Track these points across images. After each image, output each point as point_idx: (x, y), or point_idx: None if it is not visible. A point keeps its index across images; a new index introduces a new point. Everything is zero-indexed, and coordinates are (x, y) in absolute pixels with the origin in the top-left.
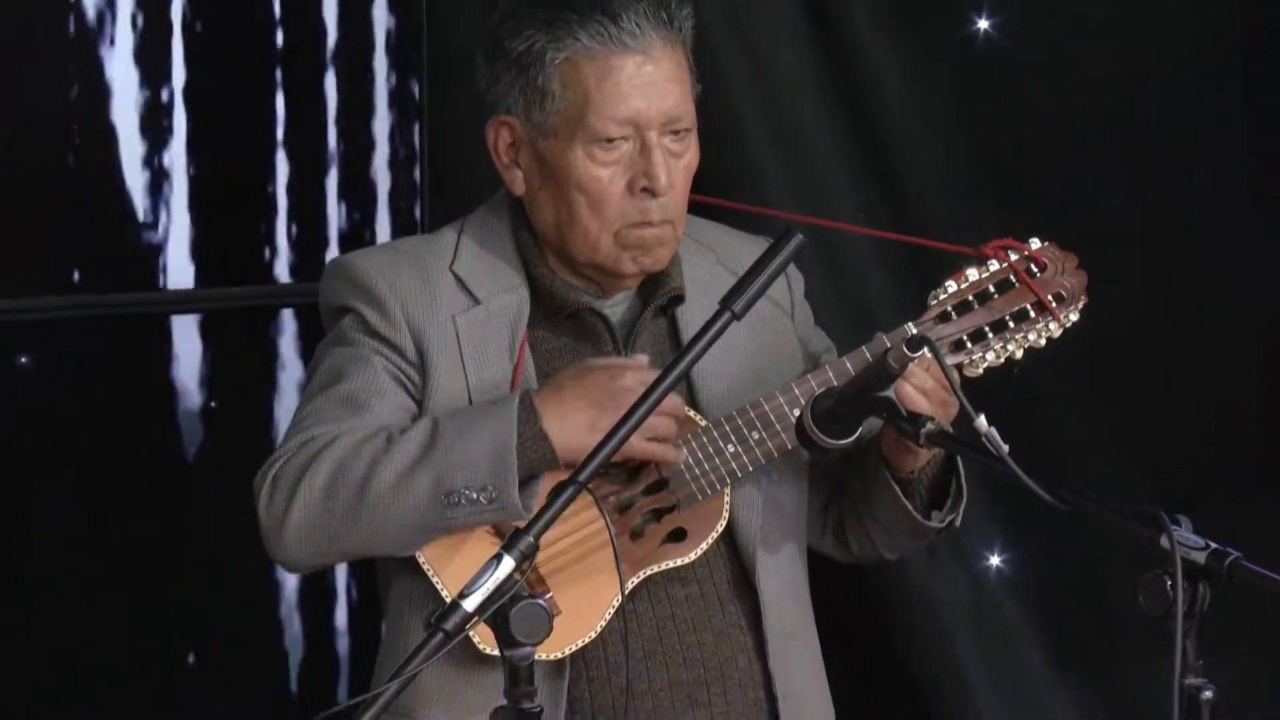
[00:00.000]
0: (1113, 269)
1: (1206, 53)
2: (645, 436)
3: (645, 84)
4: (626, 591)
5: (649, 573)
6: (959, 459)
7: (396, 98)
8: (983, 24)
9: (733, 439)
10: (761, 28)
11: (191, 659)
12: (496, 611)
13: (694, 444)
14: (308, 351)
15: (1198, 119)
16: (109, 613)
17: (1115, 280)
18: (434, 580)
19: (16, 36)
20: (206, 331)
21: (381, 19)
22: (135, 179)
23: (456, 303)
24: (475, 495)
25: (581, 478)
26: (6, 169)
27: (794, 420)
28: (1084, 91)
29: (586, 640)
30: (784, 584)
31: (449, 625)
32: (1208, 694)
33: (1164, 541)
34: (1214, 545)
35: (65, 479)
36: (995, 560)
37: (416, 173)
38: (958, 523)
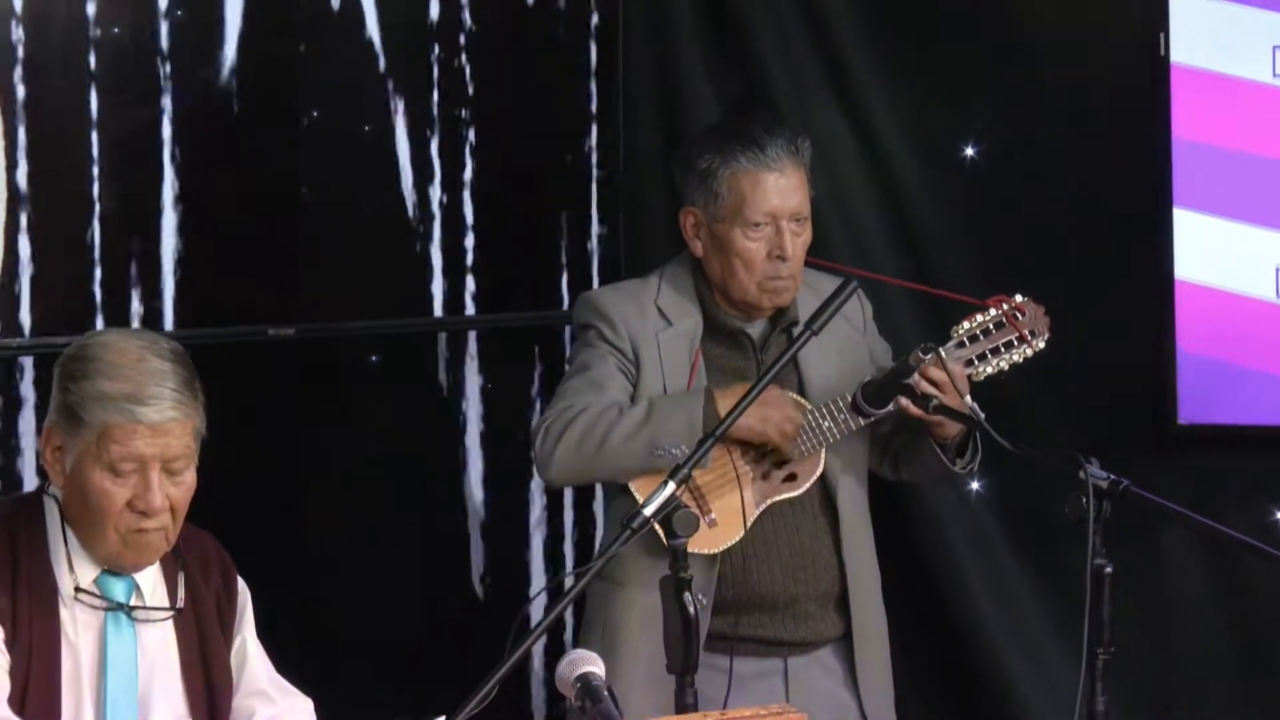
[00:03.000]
0: (1052, 300)
1: (1108, 171)
2: (779, 431)
3: (781, 190)
4: (757, 512)
5: (772, 501)
6: (978, 433)
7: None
8: (969, 151)
9: (828, 418)
10: (835, 160)
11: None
12: (665, 516)
13: (806, 421)
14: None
15: (1097, 215)
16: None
17: (1053, 306)
18: (639, 499)
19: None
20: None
21: (592, 142)
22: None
23: (659, 325)
24: (674, 451)
25: (718, 432)
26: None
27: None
28: (1035, 196)
29: (733, 542)
30: (853, 504)
31: (635, 523)
32: (1108, 569)
33: (1081, 474)
34: (1113, 476)
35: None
36: (976, 486)
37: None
38: (974, 469)
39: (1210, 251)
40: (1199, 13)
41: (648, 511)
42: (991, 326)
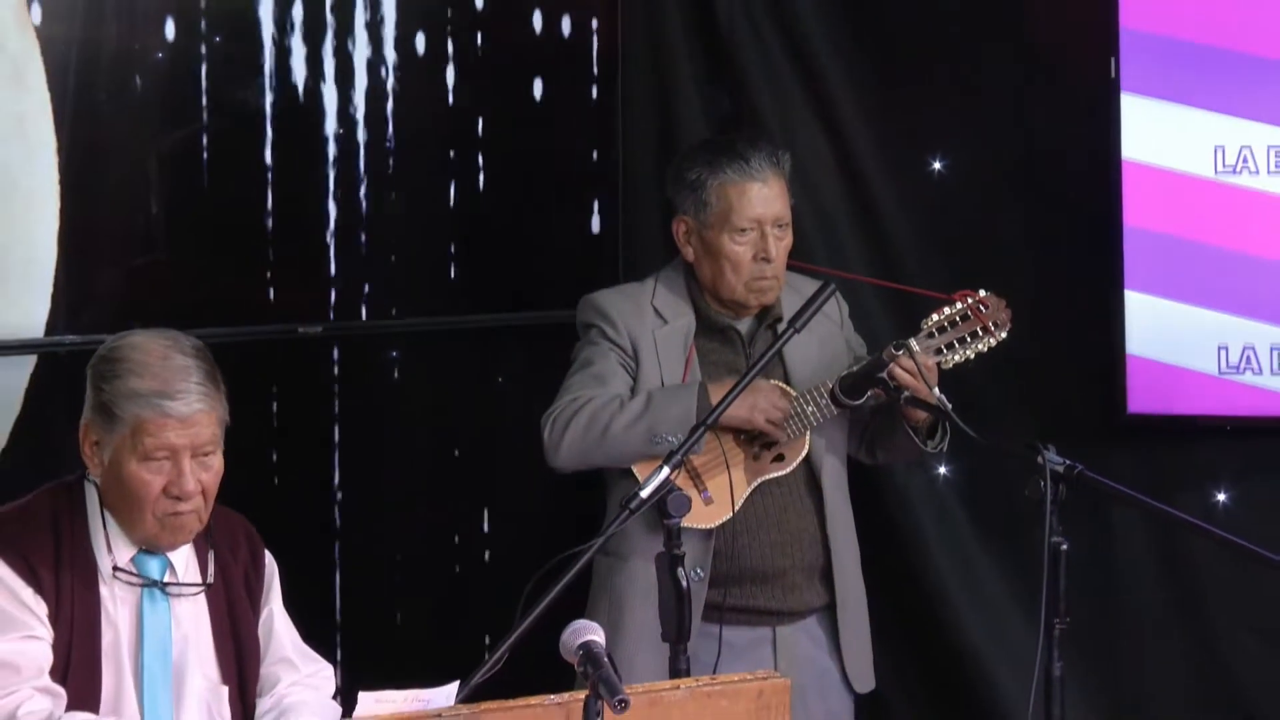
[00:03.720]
0: (1011, 299)
1: (1061, 184)
2: (766, 419)
3: (764, 199)
4: (748, 491)
5: (761, 480)
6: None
7: (606, 205)
8: (937, 165)
9: (811, 403)
10: (815, 173)
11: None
12: (660, 498)
13: (791, 407)
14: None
15: (1050, 224)
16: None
17: (1012, 305)
18: (640, 480)
19: None
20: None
21: (595, 158)
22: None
23: (655, 323)
24: (670, 437)
25: (709, 420)
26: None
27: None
28: (992, 201)
29: (726, 519)
30: (835, 484)
31: (633, 504)
32: (1064, 546)
33: (1040, 460)
34: (1068, 461)
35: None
36: (944, 470)
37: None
38: (944, 449)
39: (1156, 329)
40: (1147, 113)
41: (644, 494)
42: (958, 319)
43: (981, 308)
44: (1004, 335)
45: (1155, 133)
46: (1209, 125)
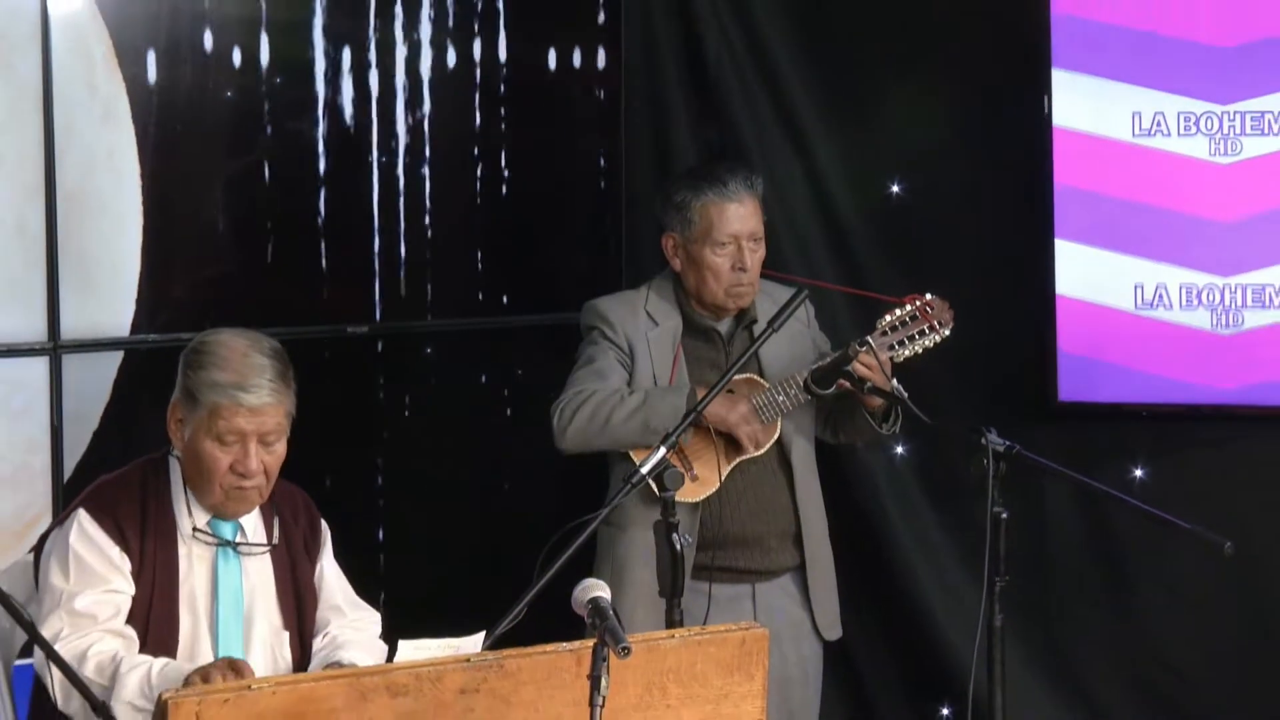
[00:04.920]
0: (956, 302)
1: (1006, 198)
2: (746, 428)
3: (740, 217)
4: (729, 470)
5: (740, 460)
6: (900, 406)
7: (611, 224)
8: (895, 188)
9: (782, 393)
10: (789, 194)
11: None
12: (658, 473)
13: (764, 397)
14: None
15: (993, 238)
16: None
17: (958, 307)
18: (636, 463)
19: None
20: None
21: (598, 180)
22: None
23: (648, 326)
24: (663, 429)
25: (699, 408)
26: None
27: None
28: (941, 218)
29: (710, 493)
30: (804, 461)
31: (634, 479)
32: (1004, 515)
33: (983, 440)
34: (1007, 442)
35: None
36: (900, 450)
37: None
38: (897, 432)
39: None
40: (1077, 257)
41: (644, 470)
42: (908, 318)
43: (928, 309)
44: (948, 333)
45: (1081, 276)
46: (1129, 267)
